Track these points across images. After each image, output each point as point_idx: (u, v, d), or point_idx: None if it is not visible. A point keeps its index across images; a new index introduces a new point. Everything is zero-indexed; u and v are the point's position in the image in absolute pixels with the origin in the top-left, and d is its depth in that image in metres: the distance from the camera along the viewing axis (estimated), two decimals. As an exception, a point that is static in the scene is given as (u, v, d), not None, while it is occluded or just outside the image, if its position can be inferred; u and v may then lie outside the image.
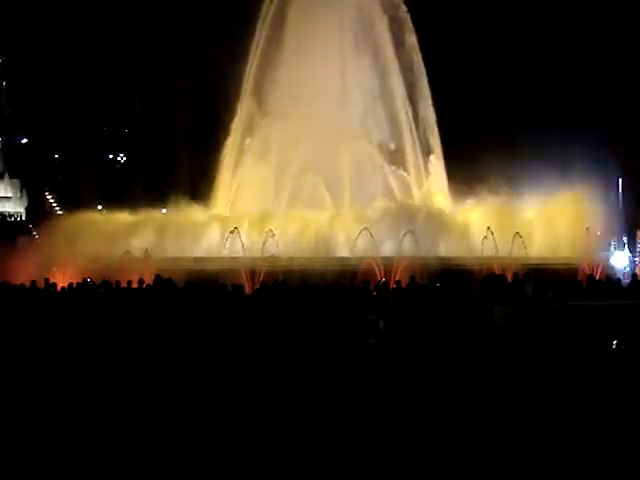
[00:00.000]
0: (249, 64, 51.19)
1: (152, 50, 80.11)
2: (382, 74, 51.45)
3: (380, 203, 45.41)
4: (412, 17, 51.60)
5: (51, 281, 33.04)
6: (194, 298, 28.98)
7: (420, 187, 49.90)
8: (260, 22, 51.30)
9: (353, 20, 51.59)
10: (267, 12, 51.33)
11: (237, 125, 51.40)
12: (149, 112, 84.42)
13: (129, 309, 28.21)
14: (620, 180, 63.00)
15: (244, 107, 51.36)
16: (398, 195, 48.24)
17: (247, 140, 51.12)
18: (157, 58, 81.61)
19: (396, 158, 50.29)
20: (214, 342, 24.97)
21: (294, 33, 50.69)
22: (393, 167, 49.69)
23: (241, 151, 50.83)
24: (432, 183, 50.29)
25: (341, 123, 49.17)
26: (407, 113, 51.46)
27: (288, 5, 51.33)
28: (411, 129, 51.33)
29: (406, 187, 49.37)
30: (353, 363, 22.68)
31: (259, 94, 51.14)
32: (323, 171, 45.72)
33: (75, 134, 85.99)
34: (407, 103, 51.46)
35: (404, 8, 51.36)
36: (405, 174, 49.98)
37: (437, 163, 51.44)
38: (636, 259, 46.66)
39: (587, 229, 41.28)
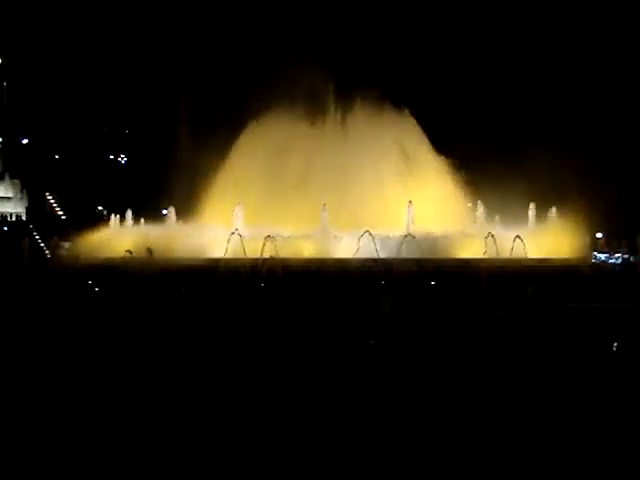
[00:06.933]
0: None
1: (153, 50, 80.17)
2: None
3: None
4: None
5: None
6: (195, 295, 29.21)
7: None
8: None
9: None
10: None
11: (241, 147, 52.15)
12: (150, 113, 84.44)
13: (134, 307, 28.37)
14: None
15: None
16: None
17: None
18: (158, 58, 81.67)
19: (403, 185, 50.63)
20: (215, 340, 25.06)
21: None
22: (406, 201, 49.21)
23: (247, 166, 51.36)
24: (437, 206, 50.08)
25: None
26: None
27: None
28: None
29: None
30: (352, 362, 22.76)
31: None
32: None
33: (75, 134, 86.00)
34: None
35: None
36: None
37: (438, 184, 51.67)
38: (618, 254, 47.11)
39: (587, 233, 41.78)
